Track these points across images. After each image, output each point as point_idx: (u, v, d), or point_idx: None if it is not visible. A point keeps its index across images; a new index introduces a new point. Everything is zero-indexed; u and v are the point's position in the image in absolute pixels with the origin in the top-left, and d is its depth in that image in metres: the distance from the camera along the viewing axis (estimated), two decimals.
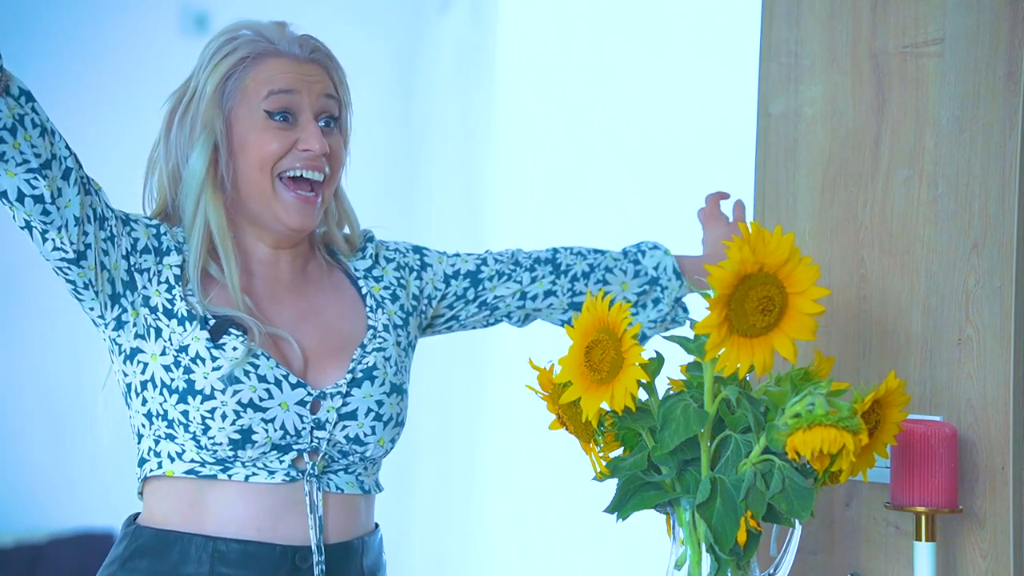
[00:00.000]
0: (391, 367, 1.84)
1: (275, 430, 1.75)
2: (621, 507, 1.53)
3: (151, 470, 1.77)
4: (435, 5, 4.69)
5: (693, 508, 1.51)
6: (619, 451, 1.58)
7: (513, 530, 4.04)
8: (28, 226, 1.67)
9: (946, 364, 1.77)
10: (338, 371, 1.82)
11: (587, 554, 3.74)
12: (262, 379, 1.75)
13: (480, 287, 1.99)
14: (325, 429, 1.78)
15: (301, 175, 1.80)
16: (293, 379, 1.77)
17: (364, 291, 1.91)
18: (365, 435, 1.80)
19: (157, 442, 1.77)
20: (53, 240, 1.68)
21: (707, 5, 3.56)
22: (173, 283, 1.77)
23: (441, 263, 1.99)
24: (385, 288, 1.93)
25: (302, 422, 1.76)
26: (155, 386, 1.75)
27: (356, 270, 1.93)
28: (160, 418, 1.75)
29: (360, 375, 1.81)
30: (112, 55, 4.68)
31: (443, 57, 4.66)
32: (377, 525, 1.91)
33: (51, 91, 4.57)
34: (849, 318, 1.86)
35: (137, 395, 1.77)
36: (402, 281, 1.94)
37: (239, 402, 1.73)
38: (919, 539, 1.68)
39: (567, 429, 1.58)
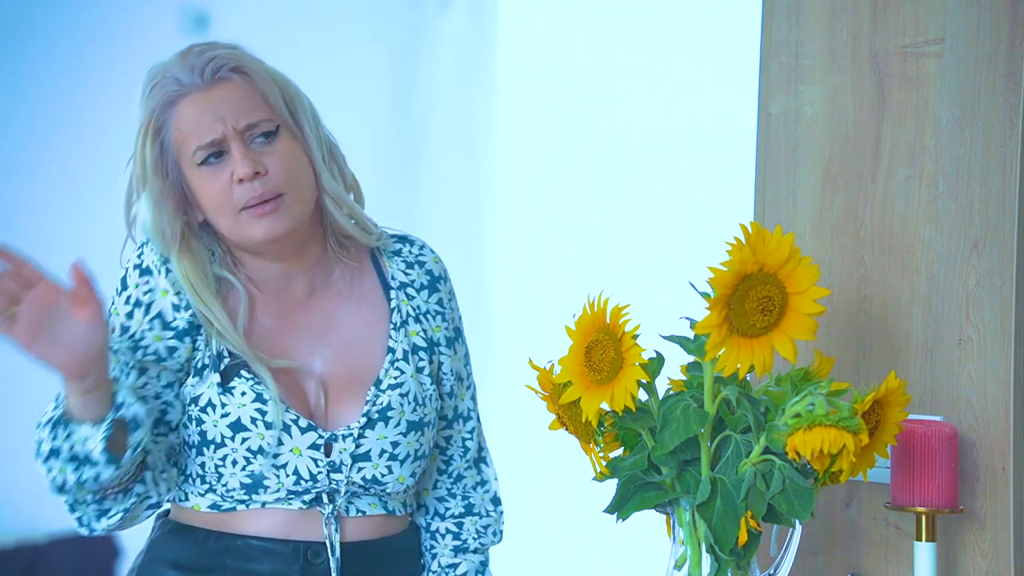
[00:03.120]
0: (408, 403, 1.79)
1: (287, 475, 1.74)
2: (621, 507, 1.53)
3: (179, 498, 1.80)
4: (435, 5, 4.69)
5: (693, 508, 1.51)
6: (619, 451, 1.58)
7: (513, 530, 4.04)
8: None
9: (946, 364, 1.77)
10: (353, 410, 1.78)
11: (587, 554, 3.74)
12: (269, 426, 1.73)
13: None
14: (341, 472, 1.75)
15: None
16: (304, 423, 1.74)
17: (393, 304, 1.85)
18: (382, 475, 1.77)
19: (183, 483, 1.80)
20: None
21: (707, 5, 3.57)
22: (199, 343, 1.76)
23: (448, 380, 1.88)
24: (415, 308, 1.86)
25: (317, 466, 1.75)
26: (184, 443, 1.78)
27: (393, 278, 1.86)
28: (183, 471, 1.79)
29: (375, 416, 1.77)
30: (111, 55, 4.68)
31: (443, 57, 4.66)
32: (412, 523, 1.88)
33: (50, 90, 4.58)
34: (849, 318, 1.86)
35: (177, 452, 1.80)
36: (433, 321, 1.87)
37: (248, 449, 1.73)
38: (919, 539, 1.68)
39: (567, 429, 1.58)
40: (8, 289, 1.53)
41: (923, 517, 1.68)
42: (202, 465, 1.76)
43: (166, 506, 1.83)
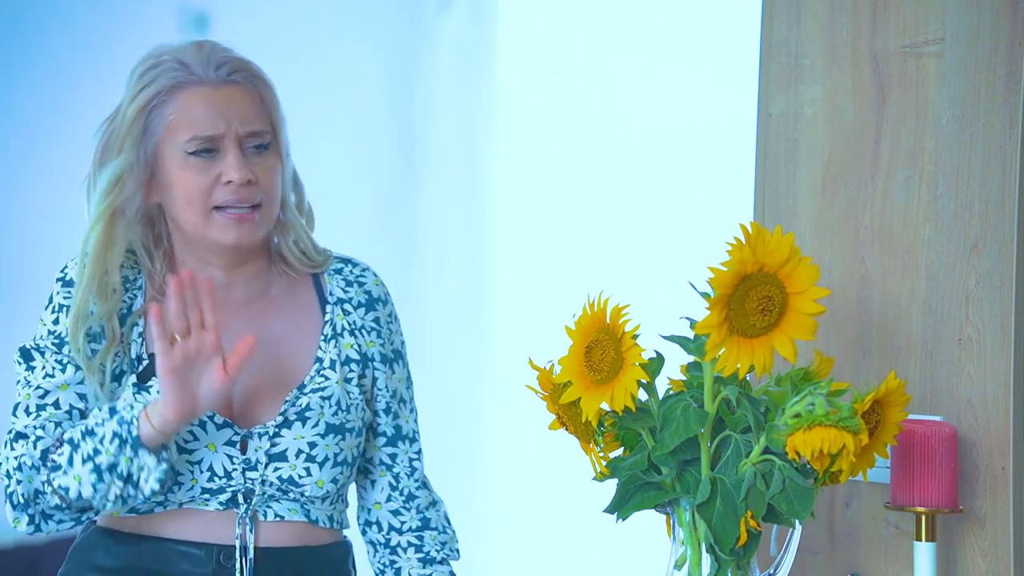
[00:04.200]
0: (330, 406, 1.79)
1: (201, 472, 1.74)
2: (621, 507, 1.53)
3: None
4: (435, 5, 4.69)
5: (693, 508, 1.51)
6: (619, 451, 1.58)
7: (513, 531, 4.04)
8: None
9: (946, 364, 1.77)
10: (272, 410, 1.78)
11: (587, 554, 3.74)
12: None
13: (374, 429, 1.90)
14: (256, 470, 1.76)
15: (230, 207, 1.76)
16: (219, 419, 1.75)
17: (327, 318, 1.85)
18: (300, 477, 1.77)
19: None
20: None
21: (707, 5, 3.57)
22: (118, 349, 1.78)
23: (381, 398, 1.87)
24: (351, 323, 1.86)
25: (232, 463, 1.75)
26: None
27: (331, 294, 1.87)
28: None
29: (293, 417, 1.77)
30: (110, 55, 4.68)
31: (443, 57, 4.66)
32: (345, 539, 1.87)
33: (48, 90, 4.58)
34: (849, 318, 1.86)
35: None
36: (368, 337, 1.87)
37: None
38: (919, 539, 1.68)
39: (567, 429, 1.58)
40: (192, 320, 1.66)
41: (923, 517, 1.68)
42: None
43: None
